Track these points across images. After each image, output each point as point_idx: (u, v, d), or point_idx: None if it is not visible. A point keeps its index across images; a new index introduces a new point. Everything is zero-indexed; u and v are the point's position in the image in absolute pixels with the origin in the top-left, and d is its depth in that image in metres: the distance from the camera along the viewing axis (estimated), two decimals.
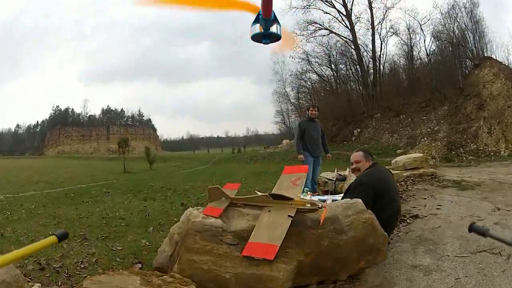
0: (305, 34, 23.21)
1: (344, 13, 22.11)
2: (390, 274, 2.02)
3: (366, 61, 22.06)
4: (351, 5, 21.98)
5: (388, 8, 21.03)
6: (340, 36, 22.74)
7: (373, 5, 21.44)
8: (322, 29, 23.09)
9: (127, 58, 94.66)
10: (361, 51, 22.02)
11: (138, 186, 7.48)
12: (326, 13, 22.53)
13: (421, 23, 19.78)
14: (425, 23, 19.63)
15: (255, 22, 1.44)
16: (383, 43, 21.48)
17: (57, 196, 6.05)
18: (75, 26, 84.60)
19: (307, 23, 22.99)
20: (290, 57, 25.46)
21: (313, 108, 4.94)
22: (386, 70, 21.80)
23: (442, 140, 14.48)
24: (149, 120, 65.69)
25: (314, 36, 23.39)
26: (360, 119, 20.61)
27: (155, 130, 66.27)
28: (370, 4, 21.47)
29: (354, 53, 22.27)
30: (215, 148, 51.76)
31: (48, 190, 7.26)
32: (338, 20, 22.47)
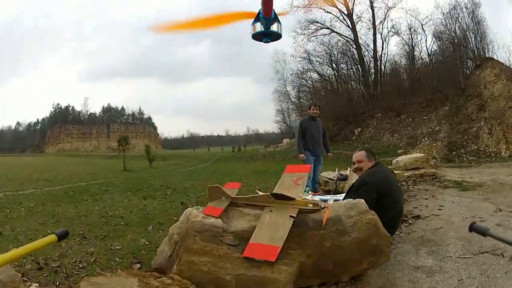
0: (307, 33, 23.26)
1: (346, 13, 22.11)
2: (393, 276, 2.00)
3: (367, 61, 22.11)
4: (353, 5, 21.99)
5: (390, 8, 21.05)
6: (342, 36, 22.79)
7: (375, 5, 21.47)
8: (324, 28, 23.11)
9: (127, 58, 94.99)
10: (362, 51, 22.07)
11: (138, 185, 7.45)
12: (328, 13, 22.55)
13: (423, 23, 19.80)
14: (427, 23, 19.65)
15: (256, 21, 1.43)
16: (385, 43, 21.51)
17: (57, 194, 6.02)
18: (75, 26, 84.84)
19: (309, 22, 23.03)
20: (291, 56, 25.54)
21: (315, 107, 4.91)
22: (387, 70, 21.86)
23: (443, 141, 14.47)
24: (150, 118, 65.97)
25: (316, 35, 23.45)
26: (361, 119, 20.62)
27: (156, 128, 66.58)
28: (372, 4, 21.47)
29: (355, 53, 22.30)
30: (216, 147, 51.85)
31: (48, 188, 7.22)
32: (340, 20, 22.53)
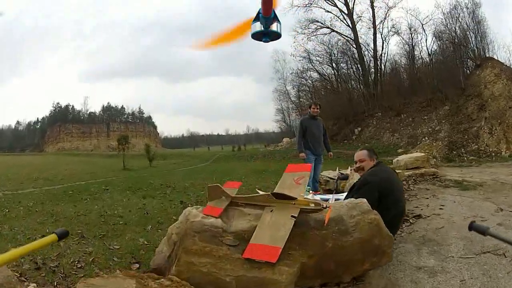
0: (307, 33, 23.23)
1: (346, 12, 22.07)
2: (395, 276, 1.98)
3: (367, 60, 22.10)
4: (353, 4, 21.97)
5: (390, 8, 21.04)
6: (342, 35, 22.78)
7: (375, 4, 21.46)
8: (324, 28, 23.08)
9: (127, 58, 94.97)
10: (363, 50, 22.05)
11: (137, 184, 7.43)
12: (328, 12, 22.52)
13: (423, 23, 19.80)
14: (427, 23, 19.65)
15: (255, 20, 1.41)
16: (385, 42, 21.50)
17: (56, 193, 6.00)
18: (75, 26, 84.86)
19: (309, 22, 23.00)
20: (291, 55, 25.50)
21: (315, 106, 4.89)
22: (387, 70, 21.86)
23: (443, 140, 14.46)
24: (150, 118, 65.91)
25: (316, 35, 23.44)
26: (361, 118, 20.61)
27: (156, 128, 66.50)
28: (372, 3, 21.43)
29: (355, 52, 22.28)
30: (215, 146, 51.90)
31: (47, 187, 7.19)
32: (340, 19, 22.49)
